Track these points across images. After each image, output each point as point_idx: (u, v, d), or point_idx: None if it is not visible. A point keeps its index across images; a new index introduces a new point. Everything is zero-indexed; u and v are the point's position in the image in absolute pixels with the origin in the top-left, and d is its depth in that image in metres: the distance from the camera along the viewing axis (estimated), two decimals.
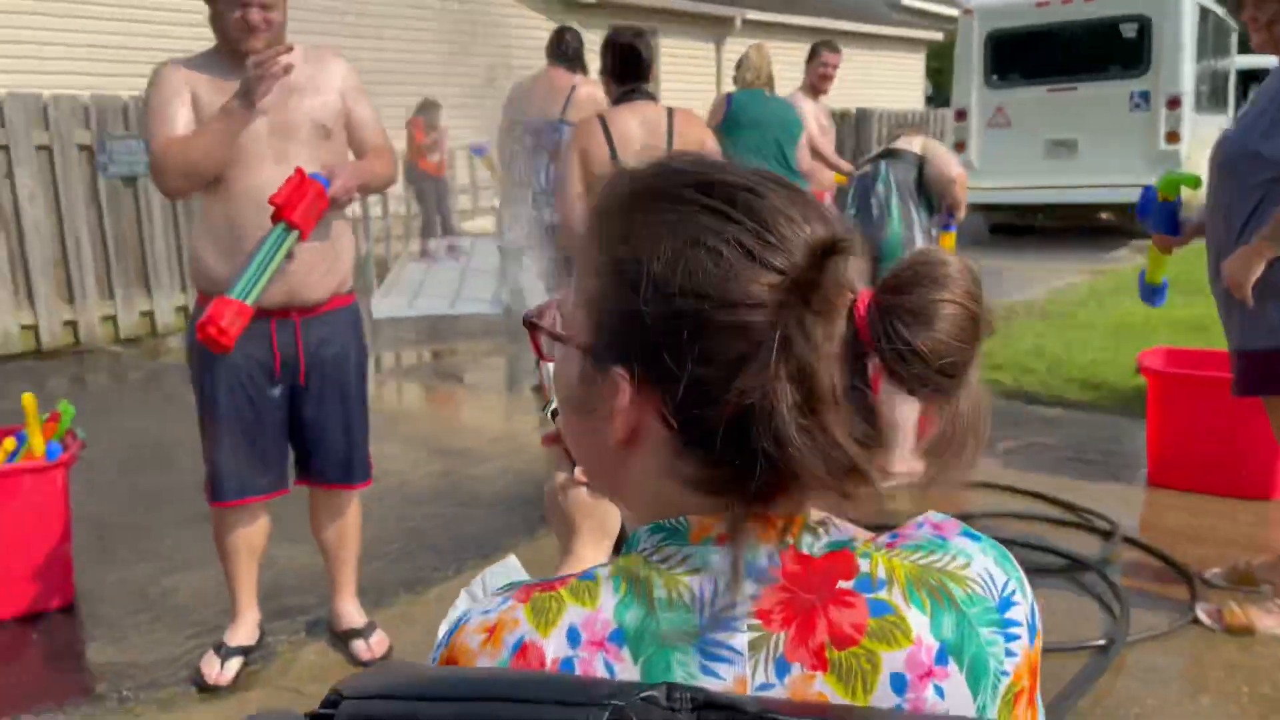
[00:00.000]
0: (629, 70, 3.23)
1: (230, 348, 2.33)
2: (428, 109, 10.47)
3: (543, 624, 0.64)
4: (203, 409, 2.57)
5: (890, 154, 4.06)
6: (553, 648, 0.63)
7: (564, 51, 5.04)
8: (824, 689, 0.63)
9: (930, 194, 4.09)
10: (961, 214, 4.21)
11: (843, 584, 0.65)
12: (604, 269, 0.67)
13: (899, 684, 0.63)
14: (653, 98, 3.29)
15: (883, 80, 18.29)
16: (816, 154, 6.01)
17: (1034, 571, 3.18)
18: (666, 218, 0.65)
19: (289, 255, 2.42)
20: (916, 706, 0.63)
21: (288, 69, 2.37)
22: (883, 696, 0.63)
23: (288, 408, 2.61)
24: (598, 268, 0.68)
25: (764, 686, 0.63)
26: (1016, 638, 0.67)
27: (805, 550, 0.66)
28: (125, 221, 7.04)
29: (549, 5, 13.13)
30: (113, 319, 7.07)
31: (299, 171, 2.36)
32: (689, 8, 14.46)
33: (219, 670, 2.66)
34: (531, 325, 0.75)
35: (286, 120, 2.48)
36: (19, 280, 6.67)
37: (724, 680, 0.62)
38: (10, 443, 3.02)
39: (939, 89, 21.47)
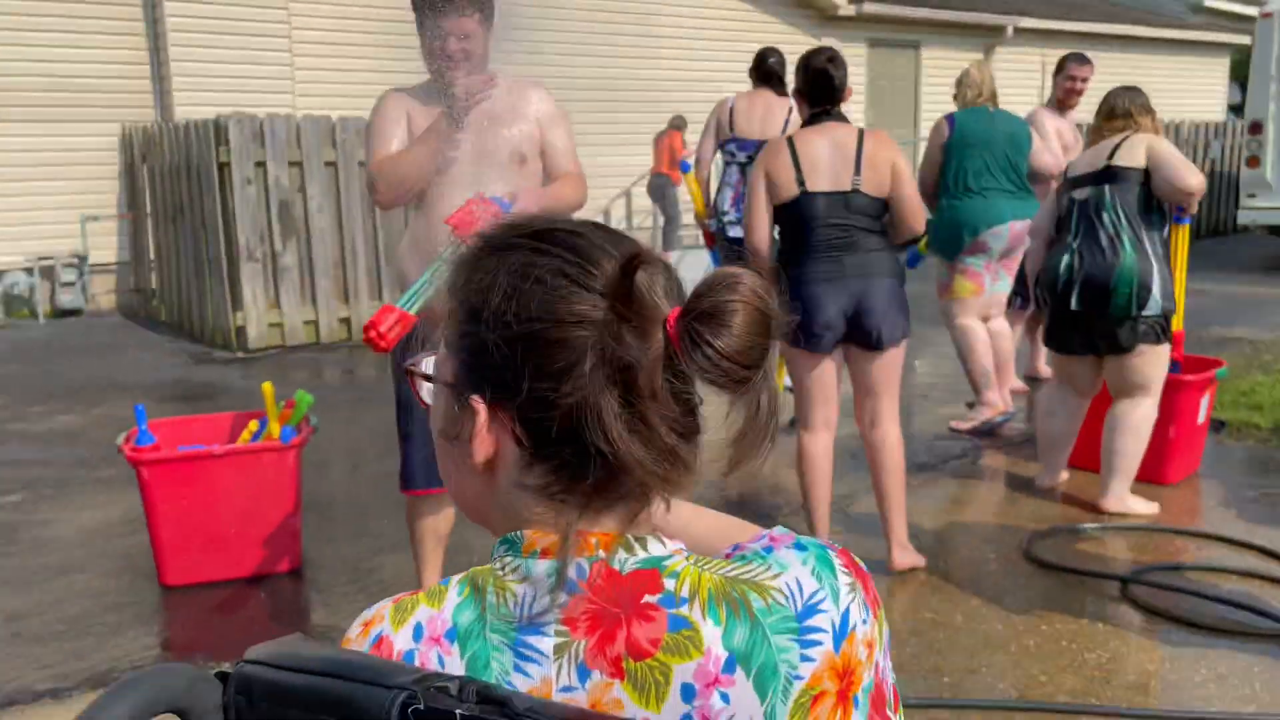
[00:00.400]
0: (819, 94, 3.25)
1: (388, 350, 2.58)
2: (680, 124, 10.82)
3: (397, 621, 0.75)
4: (399, 405, 2.86)
5: (1109, 175, 3.76)
6: (400, 641, 0.74)
7: (768, 73, 5.10)
8: (621, 696, 0.69)
9: (1161, 204, 3.76)
10: (1194, 210, 3.85)
11: (648, 599, 0.71)
12: (458, 313, 0.78)
13: (688, 693, 0.69)
14: (844, 119, 3.28)
15: (1175, 87, 16.82)
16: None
17: (1242, 635, 2.92)
18: (502, 261, 0.76)
19: None
20: (703, 713, 0.69)
21: (489, 96, 2.60)
22: (673, 705, 0.69)
23: None
24: (454, 313, 0.79)
25: (567, 689, 0.70)
26: (816, 644, 0.72)
27: (616, 566, 0.73)
28: (395, 230, 7.76)
29: (804, 20, 13.14)
30: None
31: (479, 193, 2.59)
32: (956, 18, 13.98)
33: None
34: (408, 372, 0.85)
35: (485, 148, 2.71)
36: (305, 281, 7.55)
37: (532, 680, 0.71)
38: (254, 425, 3.48)
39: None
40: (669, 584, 0.72)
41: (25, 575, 3.53)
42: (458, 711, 0.62)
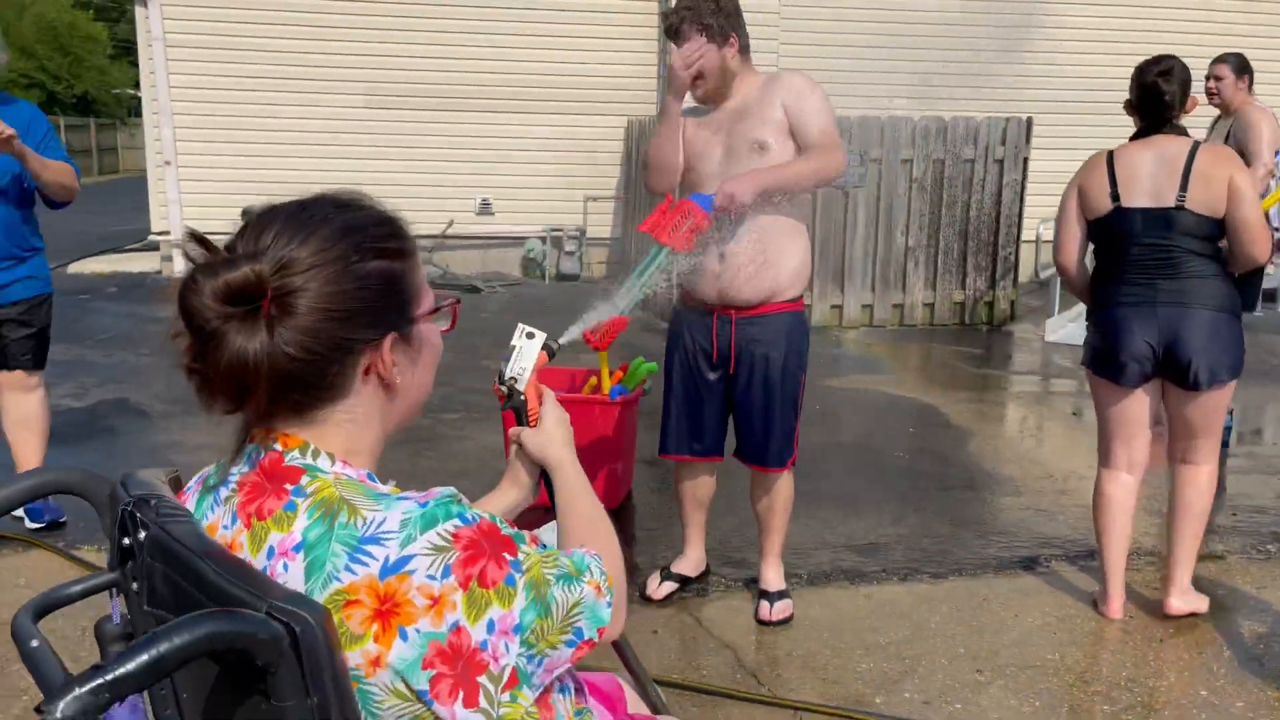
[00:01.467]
0: (1148, 109, 2.97)
1: (602, 349, 2.82)
2: None
3: (198, 473, 1.14)
4: (664, 380, 3.21)
5: None
6: (188, 485, 1.14)
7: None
8: (242, 540, 1.01)
9: None
10: None
11: (287, 485, 1.02)
12: None
13: (270, 554, 0.99)
14: (1182, 132, 2.97)
15: None
16: None
17: None
18: None
19: (721, 260, 2.91)
20: (272, 570, 0.98)
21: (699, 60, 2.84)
22: (262, 558, 0.99)
23: (724, 390, 3.10)
24: None
25: (225, 527, 1.04)
26: (362, 563, 0.94)
27: (288, 460, 1.03)
28: (833, 225, 8.07)
29: None
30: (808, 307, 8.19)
31: (668, 198, 2.83)
32: None
33: (657, 586, 3.33)
34: None
35: (730, 143, 2.94)
36: None
37: (214, 516, 1.05)
38: (594, 381, 4.05)
39: None
40: (304, 481, 1.01)
41: (428, 474, 4.47)
42: (138, 514, 0.99)
